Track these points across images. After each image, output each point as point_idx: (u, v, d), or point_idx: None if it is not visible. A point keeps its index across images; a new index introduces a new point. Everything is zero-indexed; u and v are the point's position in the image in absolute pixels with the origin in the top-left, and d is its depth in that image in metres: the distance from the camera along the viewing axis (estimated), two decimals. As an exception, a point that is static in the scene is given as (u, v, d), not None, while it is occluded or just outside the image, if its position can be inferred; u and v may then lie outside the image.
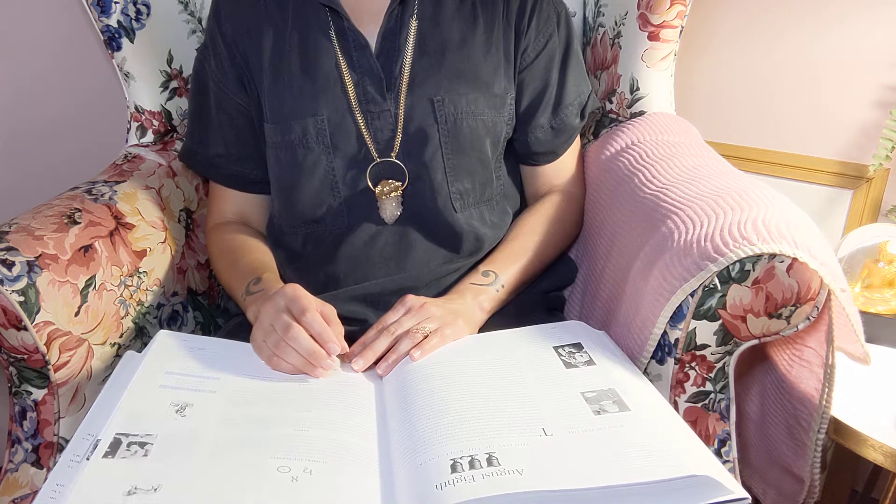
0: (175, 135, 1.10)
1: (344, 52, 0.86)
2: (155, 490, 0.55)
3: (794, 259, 0.65)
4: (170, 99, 1.08)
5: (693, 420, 0.73)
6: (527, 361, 0.73)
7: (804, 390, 0.76)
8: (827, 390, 0.72)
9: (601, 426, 0.62)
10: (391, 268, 0.89)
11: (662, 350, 0.74)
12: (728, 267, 0.67)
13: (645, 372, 0.75)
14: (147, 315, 0.90)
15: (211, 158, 0.95)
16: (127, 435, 0.61)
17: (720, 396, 0.73)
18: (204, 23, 1.10)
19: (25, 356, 0.75)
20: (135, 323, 0.87)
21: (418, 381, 0.71)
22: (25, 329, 0.73)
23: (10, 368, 0.76)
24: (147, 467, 0.58)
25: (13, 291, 0.72)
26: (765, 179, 1.21)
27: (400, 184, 0.87)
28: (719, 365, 0.72)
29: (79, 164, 1.22)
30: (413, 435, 0.63)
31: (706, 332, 0.70)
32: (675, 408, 0.73)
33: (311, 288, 0.78)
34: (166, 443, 0.61)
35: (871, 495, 1.14)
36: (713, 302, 0.69)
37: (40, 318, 0.74)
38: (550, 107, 0.93)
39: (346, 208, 0.88)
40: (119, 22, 1.02)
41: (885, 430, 0.78)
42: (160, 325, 0.92)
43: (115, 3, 1.01)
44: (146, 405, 0.66)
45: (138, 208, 0.92)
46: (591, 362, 0.73)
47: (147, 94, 1.06)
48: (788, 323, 0.68)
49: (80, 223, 0.82)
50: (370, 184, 0.87)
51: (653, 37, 0.98)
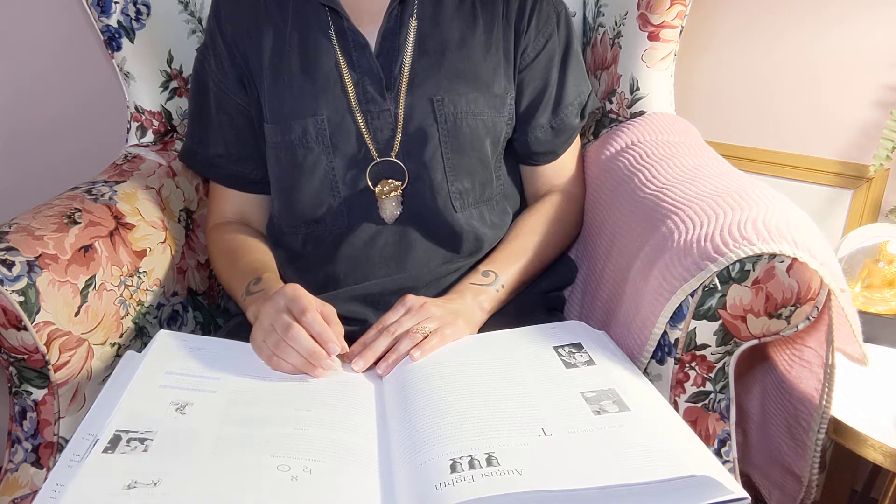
0: (175, 135, 1.10)
1: (344, 51, 0.86)
2: (155, 484, 0.55)
3: (794, 259, 0.65)
4: (170, 99, 1.08)
5: (693, 420, 0.73)
6: (527, 361, 0.73)
7: (804, 390, 0.76)
8: (827, 390, 0.72)
9: (601, 426, 0.62)
10: (391, 268, 0.89)
11: (662, 350, 0.74)
12: (728, 267, 0.66)
13: (645, 372, 0.75)
14: (147, 315, 0.90)
15: (211, 158, 0.95)
16: (127, 431, 0.61)
17: (720, 396, 0.73)
18: (204, 23, 1.10)
19: (25, 356, 0.75)
20: (135, 323, 0.87)
21: (418, 381, 0.71)
22: (25, 329, 0.73)
23: (10, 368, 0.76)
24: (147, 462, 0.58)
25: (13, 291, 0.72)
26: (765, 179, 1.21)
27: (400, 183, 0.87)
28: (719, 365, 0.72)
29: (79, 164, 1.22)
30: (413, 435, 0.63)
31: (706, 332, 0.70)
32: (675, 408, 0.73)
33: (311, 288, 0.78)
34: (166, 440, 0.61)
35: (870, 495, 1.14)
36: (713, 302, 0.69)
37: (40, 318, 0.74)
38: (550, 107, 0.93)
39: (345, 208, 0.88)
40: (119, 22, 1.02)
41: (885, 430, 0.78)
42: (160, 325, 0.92)
43: (115, 3, 1.01)
44: (146, 405, 0.66)
45: (138, 208, 0.92)
46: (591, 362, 0.73)
47: (147, 94, 1.06)
48: (788, 323, 0.68)
49: (80, 223, 0.83)
50: (370, 183, 0.87)
51: (653, 37, 0.98)
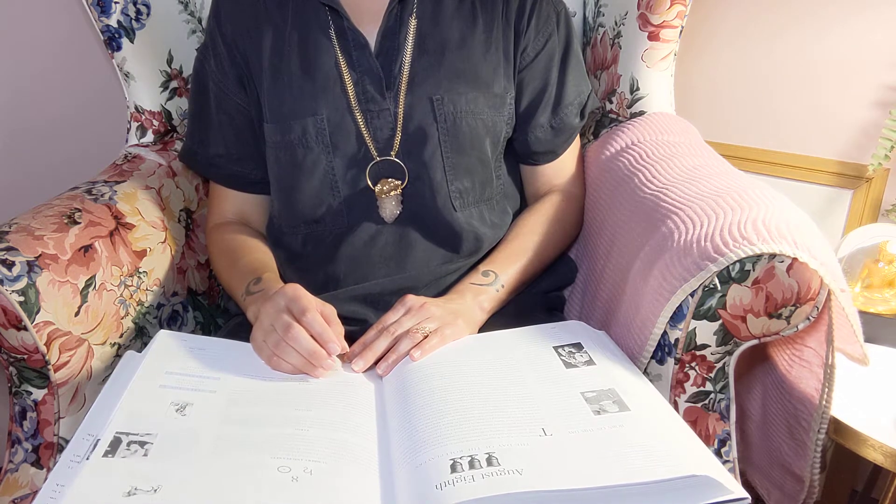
0: (175, 135, 1.10)
1: (343, 51, 0.86)
2: (155, 491, 0.55)
3: (794, 259, 0.65)
4: (170, 99, 1.08)
5: (693, 420, 0.73)
6: (527, 361, 0.73)
7: (804, 390, 0.76)
8: (827, 390, 0.72)
9: (601, 426, 0.62)
10: (391, 268, 0.89)
11: (662, 350, 0.74)
12: (728, 267, 0.66)
13: (645, 372, 0.75)
14: (147, 315, 0.90)
15: (211, 158, 0.95)
16: (127, 434, 0.61)
17: (720, 396, 0.73)
18: (204, 23, 1.10)
19: (25, 356, 0.75)
20: (135, 323, 0.87)
21: (418, 382, 0.71)
22: (25, 329, 0.73)
23: (10, 368, 0.76)
24: (147, 467, 0.58)
25: (13, 291, 0.72)
26: (765, 179, 1.21)
27: (400, 182, 0.87)
28: (719, 365, 0.72)
29: (79, 164, 1.22)
30: (413, 435, 0.63)
31: (706, 332, 0.70)
32: (675, 408, 0.73)
33: (311, 288, 0.78)
34: (166, 442, 0.61)
35: (871, 495, 1.14)
36: (713, 302, 0.69)
37: (40, 318, 0.74)
38: (550, 106, 0.93)
39: (345, 208, 0.88)
40: (119, 22, 1.02)
41: (885, 430, 0.78)
42: (160, 325, 0.92)
43: (115, 3, 1.01)
44: (146, 405, 0.66)
45: (138, 208, 0.92)
46: (591, 362, 0.73)
47: (147, 94, 1.06)
48: (788, 323, 0.68)
49: (80, 223, 0.82)
50: (370, 183, 0.87)
51: (653, 37, 0.98)
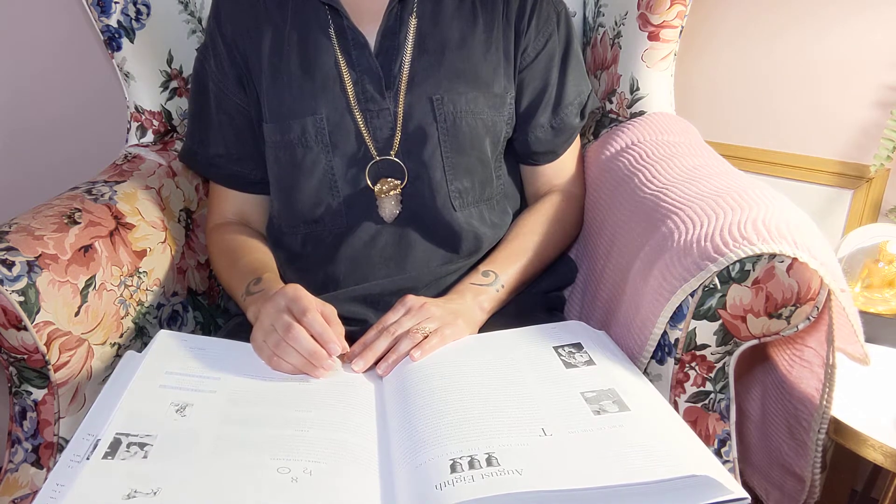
0: (175, 135, 1.10)
1: (343, 50, 0.86)
2: (154, 493, 0.55)
3: (794, 259, 0.65)
4: (170, 99, 1.08)
5: (693, 420, 0.73)
6: (527, 361, 0.73)
7: (804, 390, 0.75)
8: (827, 390, 0.72)
9: (601, 426, 0.62)
10: (391, 268, 0.89)
11: (662, 350, 0.74)
12: (728, 267, 0.66)
13: (645, 372, 0.75)
14: (147, 315, 0.90)
15: (211, 158, 0.95)
16: (127, 435, 0.61)
17: (720, 396, 0.73)
18: (204, 23, 1.10)
19: (25, 356, 0.75)
20: (135, 323, 0.87)
21: (418, 382, 0.71)
22: (25, 329, 0.73)
23: (10, 368, 0.76)
24: (146, 469, 0.58)
25: (13, 291, 0.72)
26: (765, 179, 1.21)
27: (399, 182, 0.87)
28: (719, 365, 0.72)
29: (79, 164, 1.22)
30: (413, 435, 0.63)
31: (706, 332, 0.70)
32: (675, 408, 0.73)
33: (311, 288, 0.78)
34: (166, 443, 0.61)
35: (871, 495, 1.14)
36: (713, 302, 0.68)
37: (40, 318, 0.74)
38: (550, 106, 0.93)
39: (345, 207, 0.88)
40: (119, 22, 1.02)
41: (885, 430, 0.78)
42: (160, 325, 0.92)
43: (115, 3, 1.01)
44: (146, 405, 0.66)
45: (138, 208, 0.92)
46: (590, 362, 0.73)
47: (147, 94, 1.06)
48: (788, 323, 0.68)
49: (80, 223, 0.82)
50: (369, 182, 0.87)
51: (653, 37, 0.98)
